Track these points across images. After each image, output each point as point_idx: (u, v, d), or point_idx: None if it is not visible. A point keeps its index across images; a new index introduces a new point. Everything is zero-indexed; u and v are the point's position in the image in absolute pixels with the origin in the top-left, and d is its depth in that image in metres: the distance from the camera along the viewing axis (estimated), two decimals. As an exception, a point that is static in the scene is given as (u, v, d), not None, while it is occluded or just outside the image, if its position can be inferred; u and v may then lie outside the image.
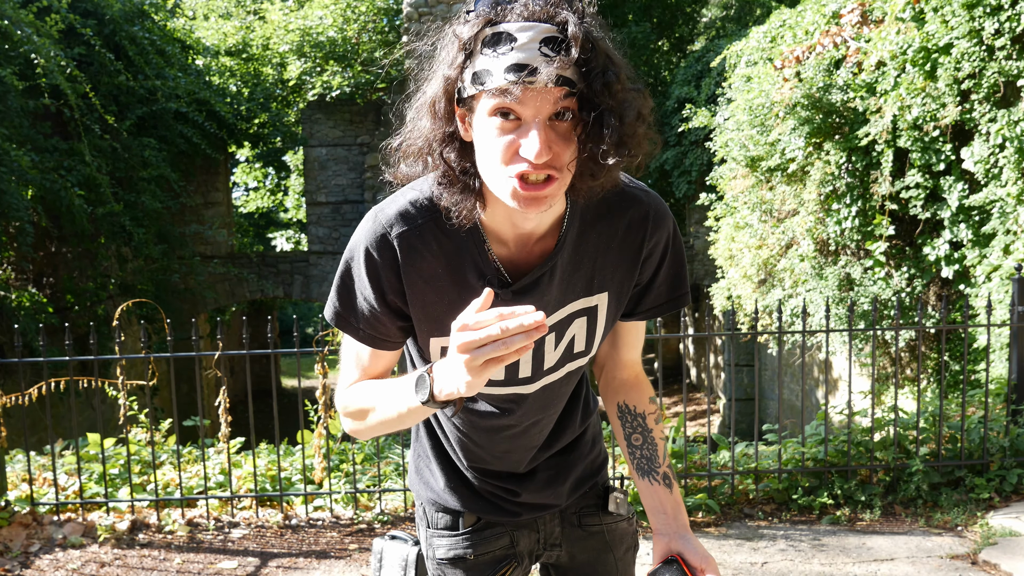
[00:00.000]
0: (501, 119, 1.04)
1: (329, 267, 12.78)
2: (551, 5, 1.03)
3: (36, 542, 3.82)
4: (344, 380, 1.34)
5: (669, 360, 18.03)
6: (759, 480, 4.18)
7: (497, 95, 1.03)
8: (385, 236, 1.20)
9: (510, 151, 1.05)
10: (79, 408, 8.89)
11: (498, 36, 1.03)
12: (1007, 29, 5.14)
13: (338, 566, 3.59)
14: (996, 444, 4.15)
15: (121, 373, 4.04)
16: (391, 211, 1.21)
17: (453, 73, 1.07)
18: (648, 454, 1.39)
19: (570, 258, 1.24)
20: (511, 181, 1.06)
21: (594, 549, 1.47)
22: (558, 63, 1.01)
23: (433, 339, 1.27)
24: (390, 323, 1.26)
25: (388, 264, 1.21)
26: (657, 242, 1.29)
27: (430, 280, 1.22)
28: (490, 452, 1.38)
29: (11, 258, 9.03)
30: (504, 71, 1.02)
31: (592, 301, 1.29)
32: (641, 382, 1.44)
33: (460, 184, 1.13)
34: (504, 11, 1.04)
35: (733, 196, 8.08)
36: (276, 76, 13.00)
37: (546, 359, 1.31)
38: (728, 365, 12.41)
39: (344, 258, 1.25)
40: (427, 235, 1.20)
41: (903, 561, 3.46)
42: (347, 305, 1.25)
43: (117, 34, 10.53)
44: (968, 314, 4.18)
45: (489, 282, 1.21)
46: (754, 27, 8.74)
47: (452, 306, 1.22)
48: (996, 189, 5.32)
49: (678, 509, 1.36)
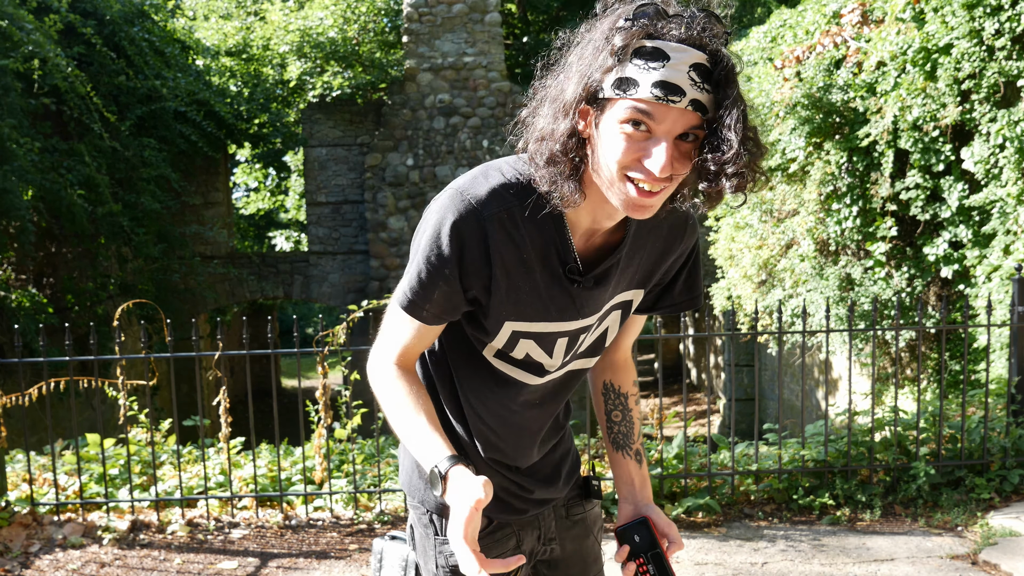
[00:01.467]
0: (633, 127, 1.09)
1: (329, 267, 12.78)
2: (706, 34, 1.08)
3: (36, 542, 3.82)
4: (386, 350, 1.35)
5: (669, 360, 18.02)
6: (759, 480, 4.18)
7: (638, 106, 1.08)
8: (476, 214, 1.21)
9: (635, 158, 1.11)
10: (79, 408, 8.89)
11: (652, 51, 1.08)
12: (1007, 29, 5.14)
13: (338, 566, 3.59)
14: (996, 444, 4.15)
15: (121, 373, 4.04)
16: (480, 191, 1.22)
17: (597, 74, 1.11)
18: (625, 431, 1.50)
19: (627, 253, 1.31)
20: (628, 186, 1.12)
21: (578, 536, 1.54)
22: (702, 92, 1.07)
23: (508, 323, 1.29)
24: (460, 299, 1.27)
25: (476, 243, 1.22)
26: (687, 246, 1.39)
27: (517, 263, 1.25)
28: (508, 442, 1.41)
29: (11, 258, 9.03)
30: (651, 85, 1.07)
31: (631, 295, 1.38)
32: (628, 365, 1.55)
33: (567, 172, 1.16)
34: (664, 28, 1.08)
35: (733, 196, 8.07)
36: (276, 76, 12.99)
37: (584, 344, 1.37)
38: (728, 365, 12.41)
39: (426, 236, 1.24)
40: (517, 218, 1.23)
41: (903, 561, 3.46)
42: (422, 286, 1.25)
43: (117, 34, 10.53)
44: (968, 314, 4.18)
45: (571, 270, 1.27)
46: (754, 27, 8.74)
47: (535, 290, 1.27)
48: (996, 189, 5.32)
49: (644, 483, 1.48)
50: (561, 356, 1.36)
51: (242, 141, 13.22)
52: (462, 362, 1.38)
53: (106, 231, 10.00)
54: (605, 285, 1.30)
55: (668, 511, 3.93)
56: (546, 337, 1.32)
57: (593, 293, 1.30)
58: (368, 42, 12.94)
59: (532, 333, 1.31)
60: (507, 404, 1.38)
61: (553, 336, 1.32)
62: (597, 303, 1.32)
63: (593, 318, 1.34)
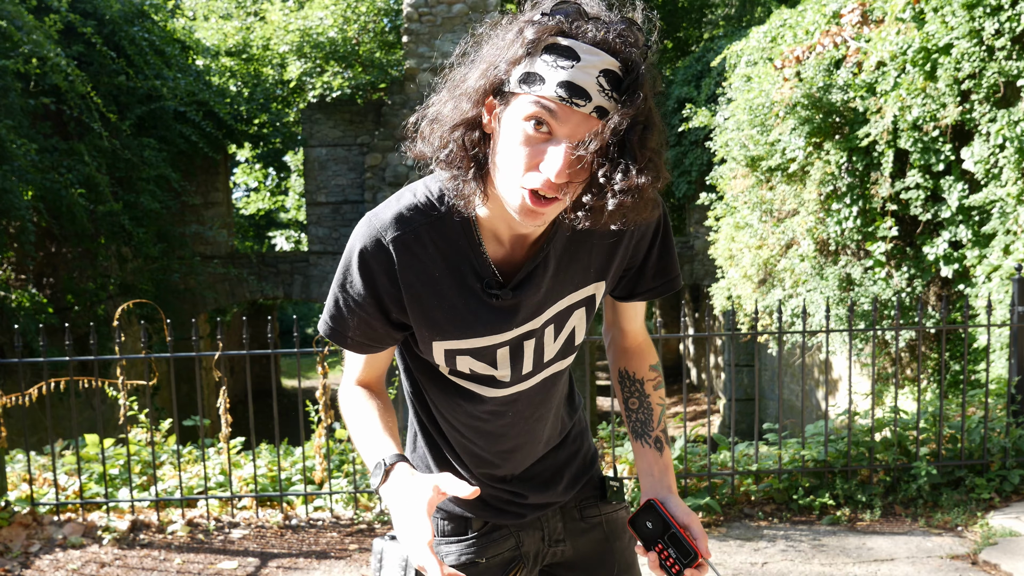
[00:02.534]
0: (534, 126, 1.05)
1: (329, 267, 12.77)
2: (623, 41, 1.03)
3: (36, 542, 3.82)
4: (347, 375, 1.37)
5: (669, 360, 18.03)
6: (759, 480, 4.18)
7: (541, 102, 1.03)
8: (380, 240, 1.20)
9: (532, 162, 1.06)
10: (79, 408, 8.89)
11: (564, 49, 1.03)
12: (1007, 29, 5.14)
13: (338, 566, 3.59)
14: (996, 444, 4.15)
15: (121, 373, 4.04)
16: (386, 216, 1.21)
17: (504, 65, 1.07)
18: (643, 418, 1.43)
19: (565, 249, 1.25)
20: (522, 191, 1.07)
21: (595, 541, 1.48)
22: (609, 99, 1.02)
23: (436, 343, 1.27)
24: (383, 328, 1.26)
25: (383, 269, 1.21)
26: (647, 225, 1.30)
27: (428, 284, 1.22)
28: (494, 453, 1.38)
29: (11, 258, 9.03)
30: (557, 85, 1.02)
31: (590, 291, 1.31)
32: (643, 350, 1.47)
33: (467, 167, 1.12)
34: (580, 29, 1.04)
35: (733, 196, 8.08)
36: (276, 77, 12.99)
37: (546, 352, 1.32)
38: (728, 365, 12.41)
39: (340, 265, 1.25)
40: (423, 238, 1.20)
41: (903, 561, 3.46)
42: (340, 315, 1.26)
43: (117, 34, 10.53)
44: (968, 314, 4.18)
45: (487, 284, 1.22)
46: (754, 27, 8.74)
47: (452, 309, 1.23)
48: (996, 189, 5.32)
49: (665, 472, 1.39)
50: (508, 365, 1.30)
51: (242, 141, 13.22)
52: (427, 380, 1.37)
53: (106, 231, 10.00)
54: (532, 290, 1.24)
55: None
56: (482, 351, 1.27)
57: (522, 300, 1.24)
58: (368, 42, 12.93)
59: (465, 349, 1.27)
60: (475, 415, 1.35)
61: (490, 349, 1.27)
62: (533, 308, 1.26)
63: (534, 323, 1.28)
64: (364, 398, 1.34)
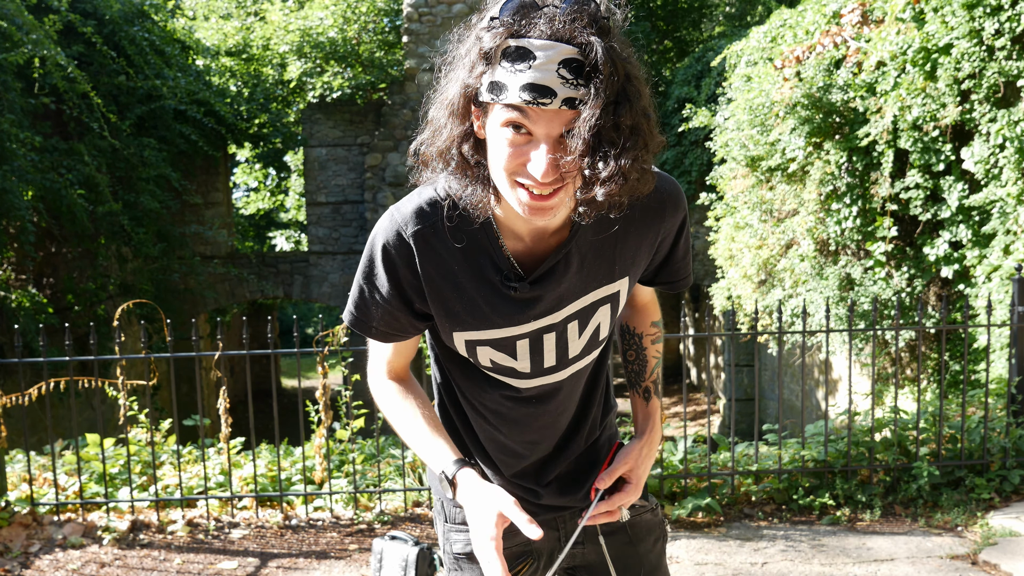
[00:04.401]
0: (513, 131, 1.06)
1: (329, 267, 12.77)
2: (576, 24, 1.02)
3: (36, 542, 3.82)
4: (376, 364, 1.41)
5: (669, 360, 18.02)
6: (759, 480, 4.18)
7: (510, 111, 1.05)
8: (401, 234, 1.24)
9: (518, 164, 1.08)
10: (79, 408, 8.89)
11: (517, 51, 1.03)
12: (1007, 29, 5.13)
13: (338, 566, 3.59)
14: (996, 444, 4.15)
15: (121, 373, 4.04)
16: (407, 209, 1.25)
17: (472, 79, 1.08)
18: (638, 369, 1.51)
19: (590, 245, 1.27)
20: (520, 191, 1.10)
21: (619, 543, 1.47)
22: (576, 88, 1.02)
23: (456, 333, 1.30)
24: (406, 319, 1.30)
25: (405, 262, 1.25)
26: (673, 224, 1.34)
27: (447, 276, 1.25)
28: (518, 442, 1.40)
29: (11, 258, 9.03)
30: (520, 89, 1.03)
31: (615, 287, 1.33)
32: (647, 307, 1.52)
33: (473, 177, 1.15)
34: (528, 25, 1.03)
35: (733, 196, 8.08)
36: (276, 77, 12.99)
37: (570, 348, 1.34)
38: (728, 365, 12.40)
39: (363, 257, 1.28)
40: (442, 232, 1.23)
41: (903, 561, 3.46)
42: (364, 306, 1.30)
43: (117, 34, 10.53)
44: (968, 314, 4.18)
45: (506, 276, 1.25)
46: (754, 27, 8.74)
47: (471, 302, 1.26)
48: (996, 189, 5.31)
49: (647, 418, 1.47)
50: (528, 357, 1.32)
51: (242, 141, 13.22)
52: (455, 367, 1.39)
53: (106, 231, 10.00)
54: (552, 284, 1.26)
55: (669, 511, 3.93)
56: (501, 342, 1.30)
57: (541, 294, 1.26)
58: (368, 42, 12.93)
59: (484, 340, 1.30)
60: (500, 402, 1.38)
61: (509, 340, 1.30)
62: (553, 302, 1.28)
63: (554, 316, 1.29)
64: (401, 395, 1.38)
